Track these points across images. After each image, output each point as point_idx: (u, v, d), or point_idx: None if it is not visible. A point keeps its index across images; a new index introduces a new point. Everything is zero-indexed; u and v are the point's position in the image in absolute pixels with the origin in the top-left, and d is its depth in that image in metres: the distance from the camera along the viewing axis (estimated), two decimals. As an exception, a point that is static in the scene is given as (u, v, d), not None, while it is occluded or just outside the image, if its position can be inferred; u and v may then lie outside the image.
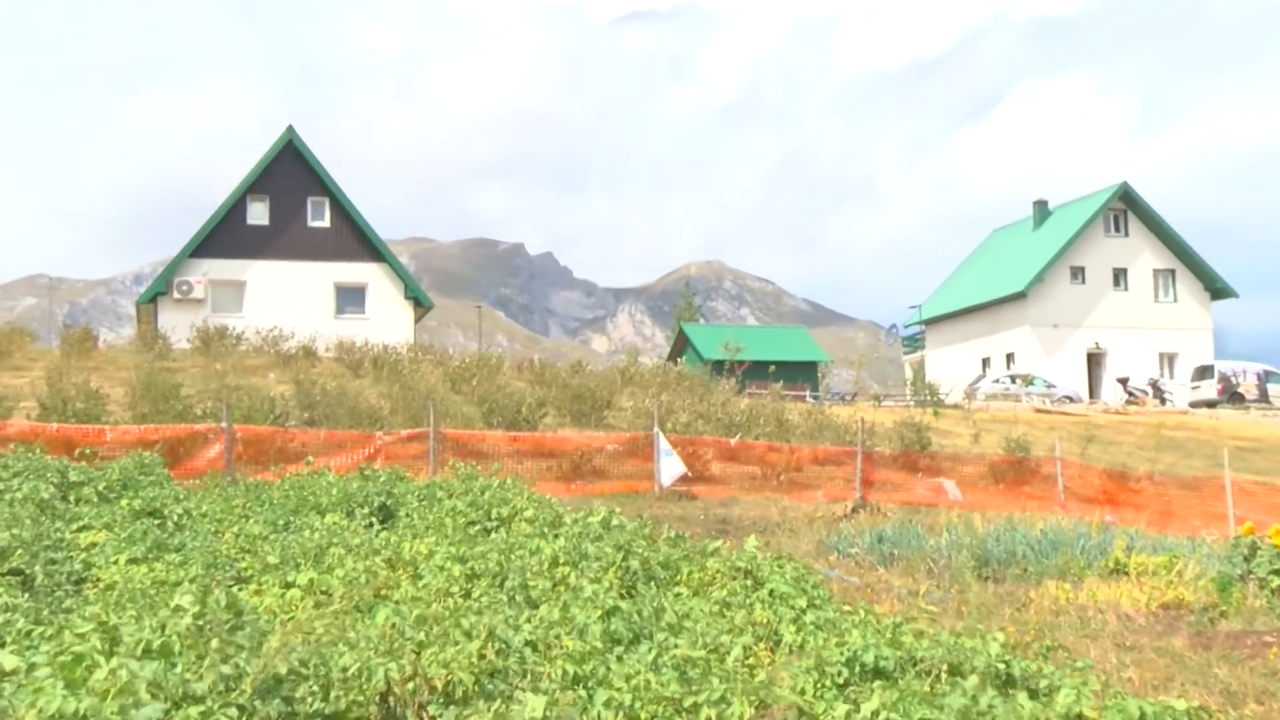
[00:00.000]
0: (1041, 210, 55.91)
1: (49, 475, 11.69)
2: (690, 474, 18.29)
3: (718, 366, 40.67)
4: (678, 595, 7.67)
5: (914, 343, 59.51)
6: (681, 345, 55.29)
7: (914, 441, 23.68)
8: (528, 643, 5.63)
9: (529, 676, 5.22)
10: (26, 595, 7.09)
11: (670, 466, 17.98)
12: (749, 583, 7.93)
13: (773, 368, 40.88)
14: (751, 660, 6.09)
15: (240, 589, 7.46)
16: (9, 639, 5.29)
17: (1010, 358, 51.15)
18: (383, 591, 6.82)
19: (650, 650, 5.77)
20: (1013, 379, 45.11)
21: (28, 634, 5.40)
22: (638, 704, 4.95)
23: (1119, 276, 50.73)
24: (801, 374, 48.02)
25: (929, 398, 36.39)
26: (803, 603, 7.28)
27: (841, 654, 5.66)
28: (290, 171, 37.83)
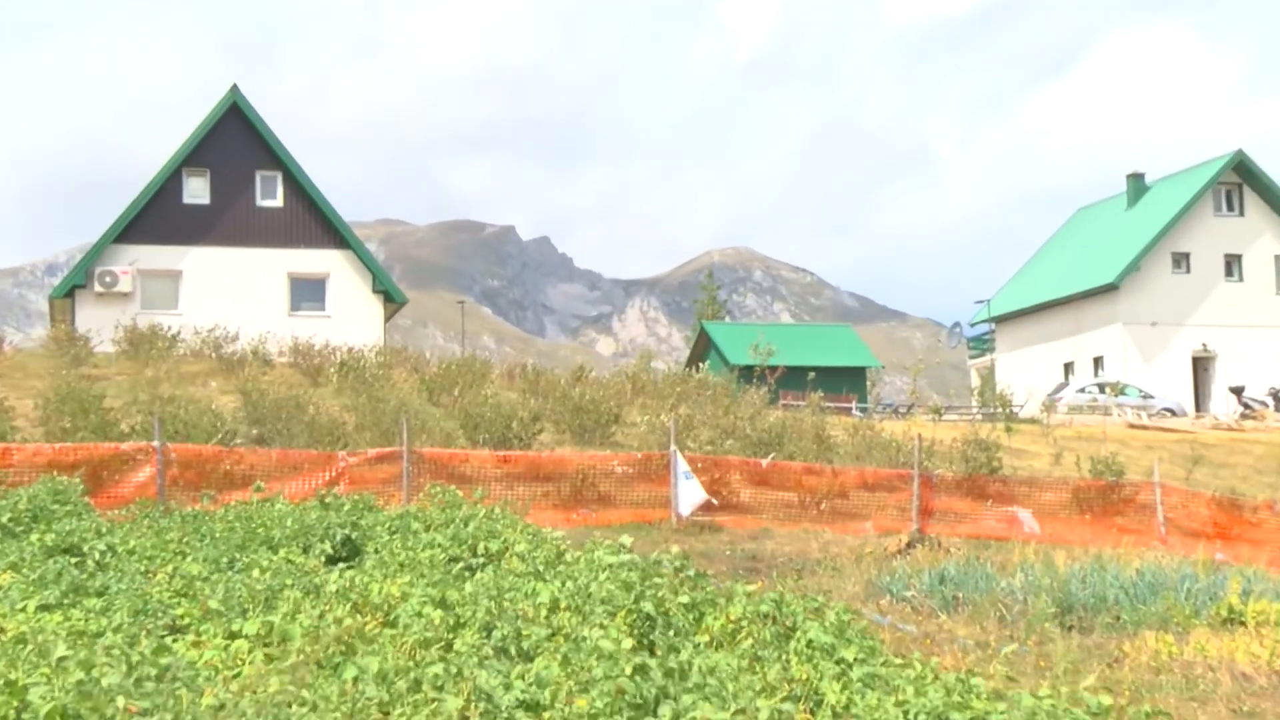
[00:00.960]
0: (1137, 185, 55.59)
1: (-60, 505, 11.75)
2: (714, 501, 18.29)
3: (746, 373, 40.68)
4: (699, 646, 7.66)
5: (981, 344, 59.39)
6: (703, 348, 55.37)
7: (982, 463, 23.63)
8: (520, 703, 5.60)
9: (523, 746, 5.23)
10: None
11: (690, 492, 17.98)
12: (783, 631, 7.93)
13: (812, 374, 40.89)
14: (789, 726, 6.08)
15: (175, 640, 7.44)
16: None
17: (1099, 362, 50.96)
18: (348, 642, 6.80)
19: (669, 713, 5.72)
20: (1101, 388, 44.93)
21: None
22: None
23: (1232, 264, 50.31)
24: (847, 382, 47.99)
25: (1000, 410, 36.31)
26: (849, 655, 7.25)
27: (898, 718, 5.60)
28: (235, 140, 38.01)
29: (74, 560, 10.15)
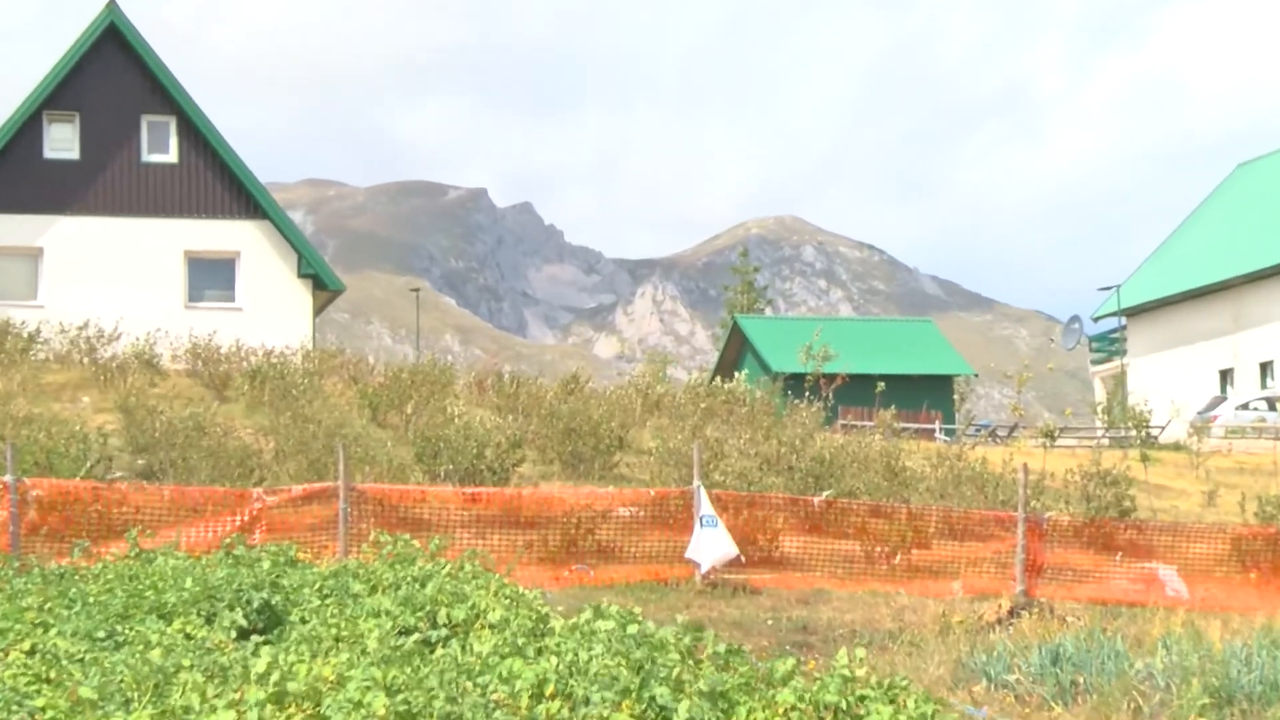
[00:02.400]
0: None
1: None
2: (748, 554, 18.31)
3: (794, 383, 40.79)
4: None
5: (1108, 345, 59.38)
6: (736, 350, 55.49)
7: (1109, 503, 23.62)
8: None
9: None
10: None
11: (716, 542, 18.00)
12: (846, 728, 7.98)
13: (882, 385, 41.02)
14: None
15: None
16: None
17: (1267, 369, 50.86)
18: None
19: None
20: (1271, 404, 44.81)
21: None
22: None
23: None
24: (928, 394, 48.01)
25: (1133, 433, 36.30)
26: (933, 761, 7.32)
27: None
28: (113, 75, 38.16)
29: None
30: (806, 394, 35.34)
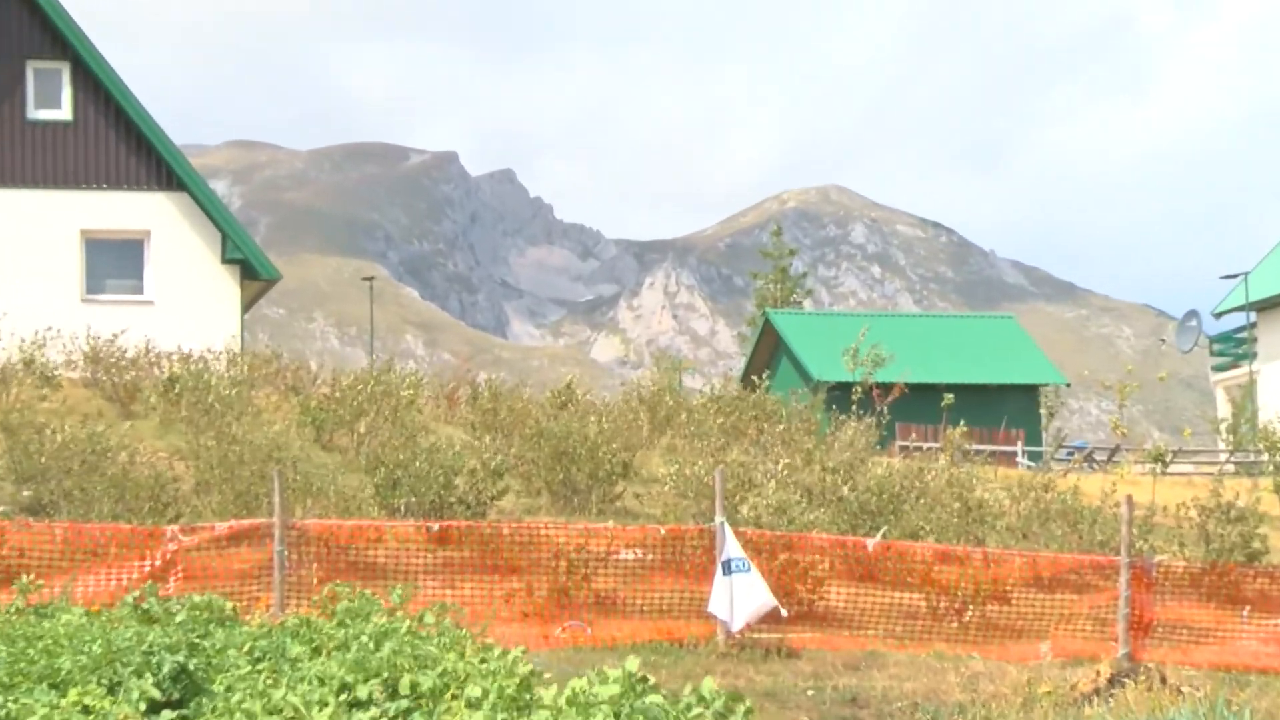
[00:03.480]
0: None
1: None
2: (786, 607, 18.32)
3: (840, 394, 40.78)
4: None
5: (1233, 347, 59.24)
6: (769, 353, 55.48)
7: (1235, 545, 23.57)
8: None
9: None
10: None
11: (746, 592, 18.00)
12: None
13: (950, 397, 41.03)
14: None
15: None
16: None
17: None
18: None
19: None
20: None
21: None
22: None
23: None
24: (1008, 407, 47.94)
25: (1265, 456, 36.22)
26: None
27: None
28: (-5, 12, 38.20)
29: None
30: (856, 408, 35.31)
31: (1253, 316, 57.73)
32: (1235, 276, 58.13)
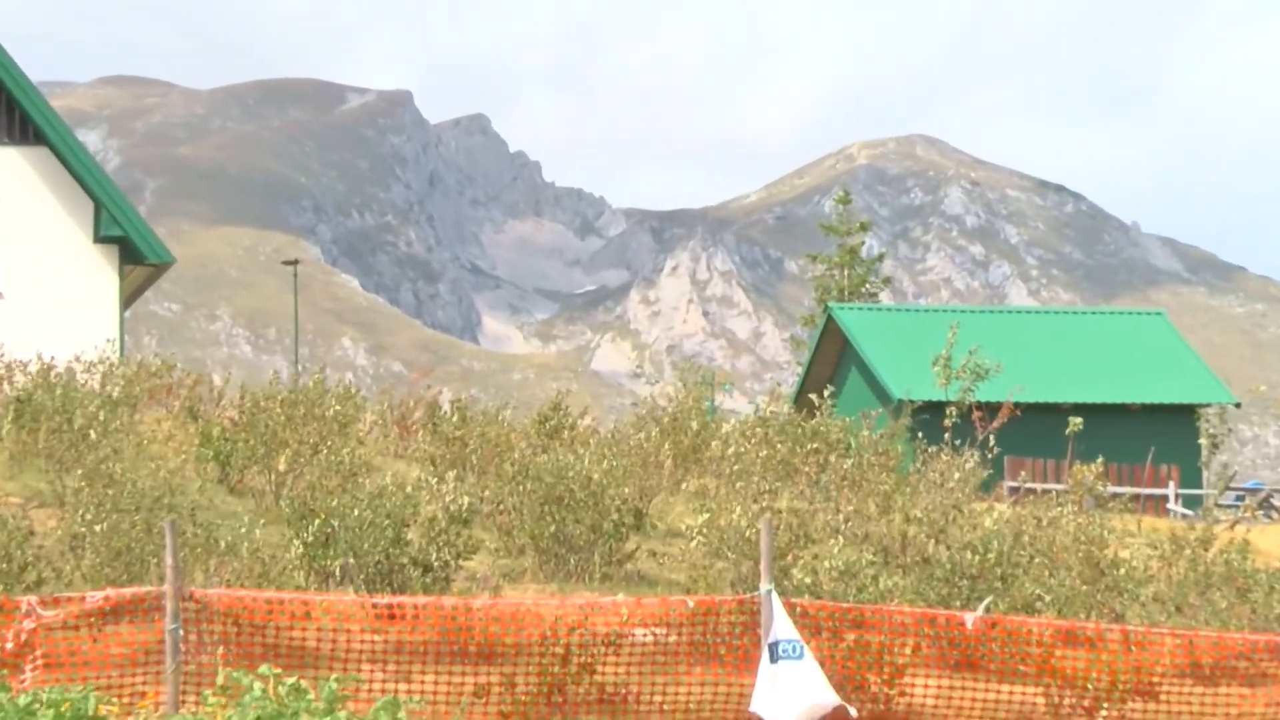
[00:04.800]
0: None
1: None
2: (856, 704, 18.31)
3: (928, 416, 40.55)
4: None
5: None
6: (832, 361, 55.21)
7: None
8: None
9: None
10: None
11: (801, 684, 18.00)
12: None
13: (1078, 421, 40.83)
14: None
15: None
16: None
17: None
18: None
19: None
20: None
21: None
22: None
23: None
24: (1157, 435, 47.52)
25: None
26: None
27: None
28: None
29: None
30: (950, 436, 35.24)
31: None
32: None
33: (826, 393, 42.42)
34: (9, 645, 17.67)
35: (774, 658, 18.09)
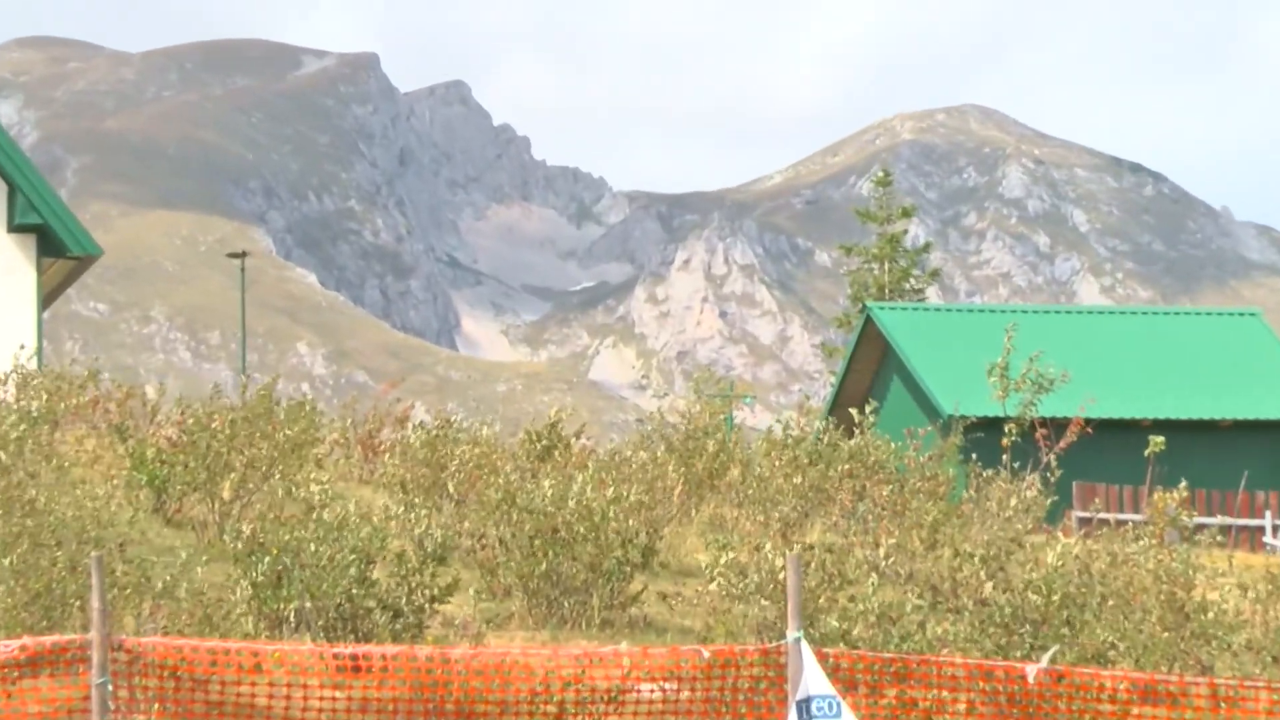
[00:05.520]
0: None
1: None
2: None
3: (983, 434, 40.50)
4: None
5: None
6: (872, 369, 55.15)
7: None
8: None
9: None
10: None
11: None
12: None
13: (1159, 440, 40.76)
14: None
15: None
16: None
17: None
18: None
19: None
20: None
21: None
22: None
23: None
24: (1251, 456, 47.26)
25: None
26: None
27: None
28: None
29: None
30: (1009, 458, 35.25)
31: None
32: None
33: (865, 407, 42.53)
34: (-94, 703, 17.73)
35: (805, 717, 18.13)
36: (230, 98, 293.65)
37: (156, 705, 17.98)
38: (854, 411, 39.79)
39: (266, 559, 24.20)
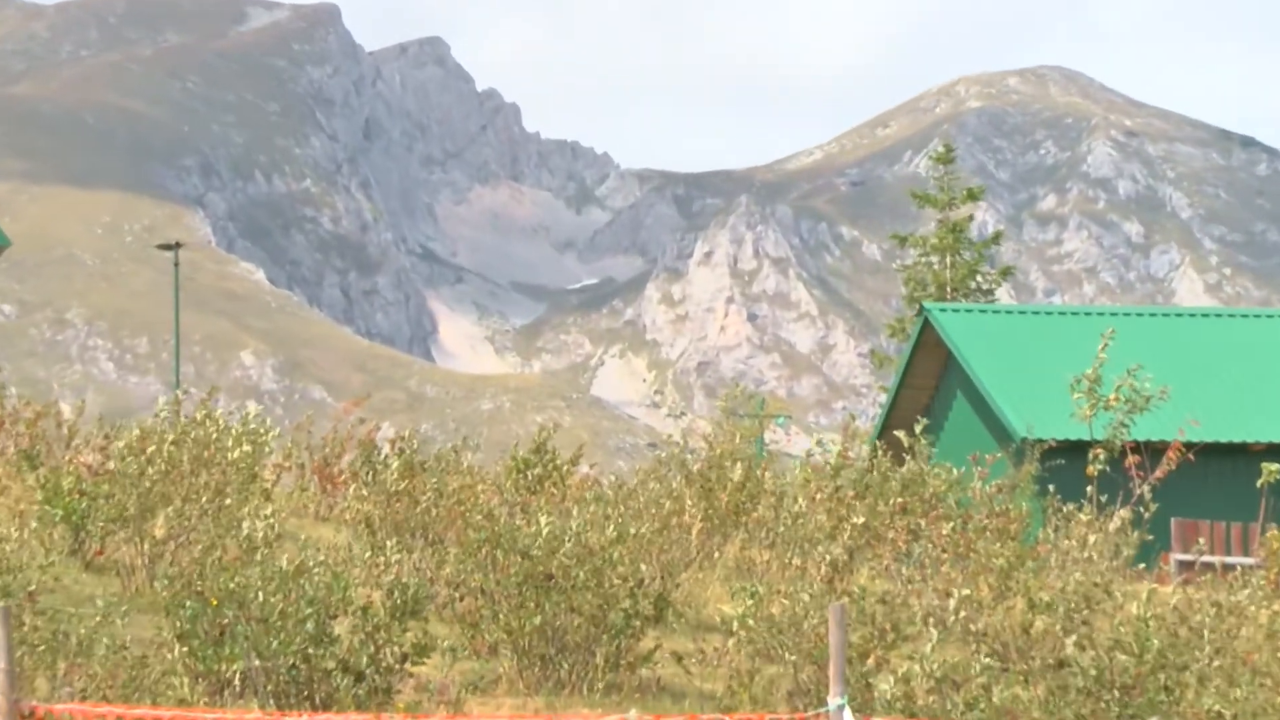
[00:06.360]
0: None
1: None
2: None
3: (1064, 461, 40.44)
4: None
5: None
6: (931, 382, 55.01)
7: None
8: None
9: None
10: None
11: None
12: None
13: (1273, 471, 40.69)
14: None
15: None
16: None
17: None
18: None
19: None
20: None
21: None
22: None
23: None
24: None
25: None
26: None
27: None
28: None
29: None
30: (1094, 489, 35.25)
31: None
32: None
33: (921, 429, 42.37)
34: None
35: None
36: (161, 59, 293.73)
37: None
38: (903, 435, 39.64)
39: (206, 610, 24.24)
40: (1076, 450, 40.66)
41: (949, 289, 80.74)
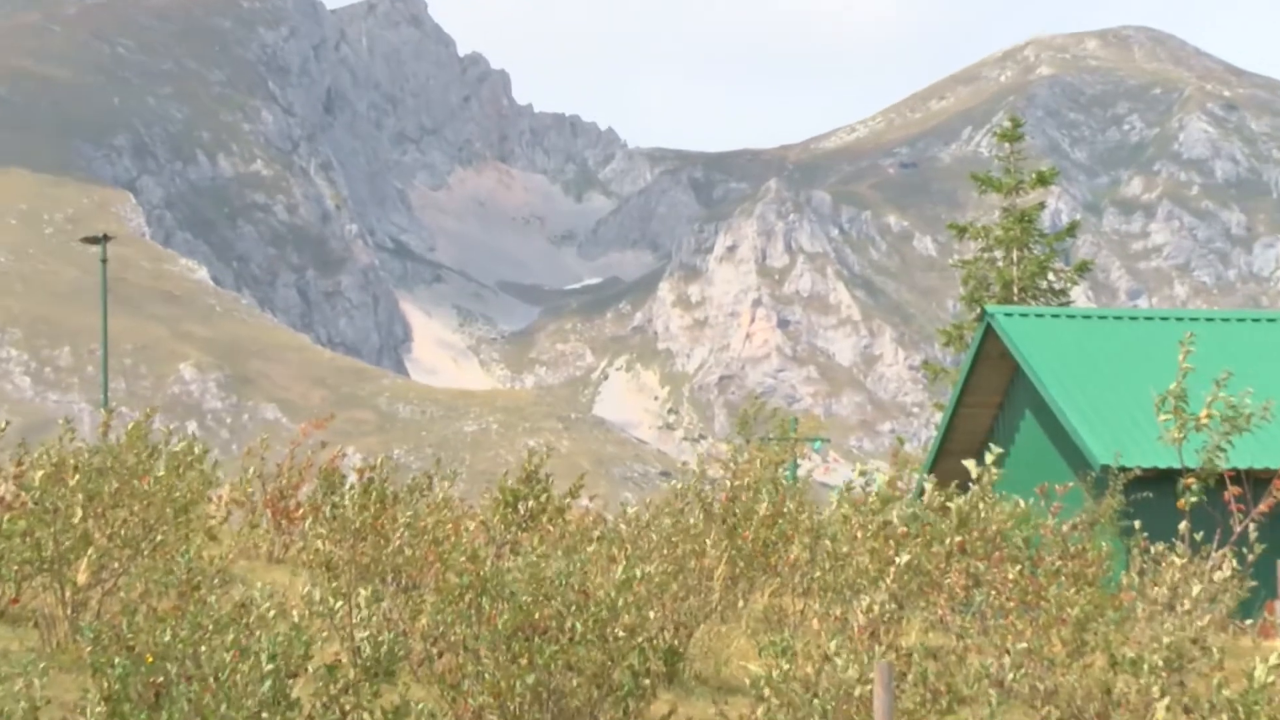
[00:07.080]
0: None
1: None
2: None
3: (1151, 493, 40.46)
4: None
5: None
6: (994, 400, 55.04)
7: None
8: None
9: None
10: None
11: None
12: None
13: None
14: None
15: None
16: None
17: None
18: None
19: None
20: None
21: None
22: None
23: None
24: None
25: None
26: None
27: None
28: None
29: None
30: (1187, 525, 35.28)
31: None
32: None
33: (984, 456, 42.24)
34: None
35: None
36: (86, 19, 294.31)
37: None
38: (964, 463, 39.39)
39: (139, 668, 24.26)
40: (1166, 480, 40.57)
41: (1016, 289, 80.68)
